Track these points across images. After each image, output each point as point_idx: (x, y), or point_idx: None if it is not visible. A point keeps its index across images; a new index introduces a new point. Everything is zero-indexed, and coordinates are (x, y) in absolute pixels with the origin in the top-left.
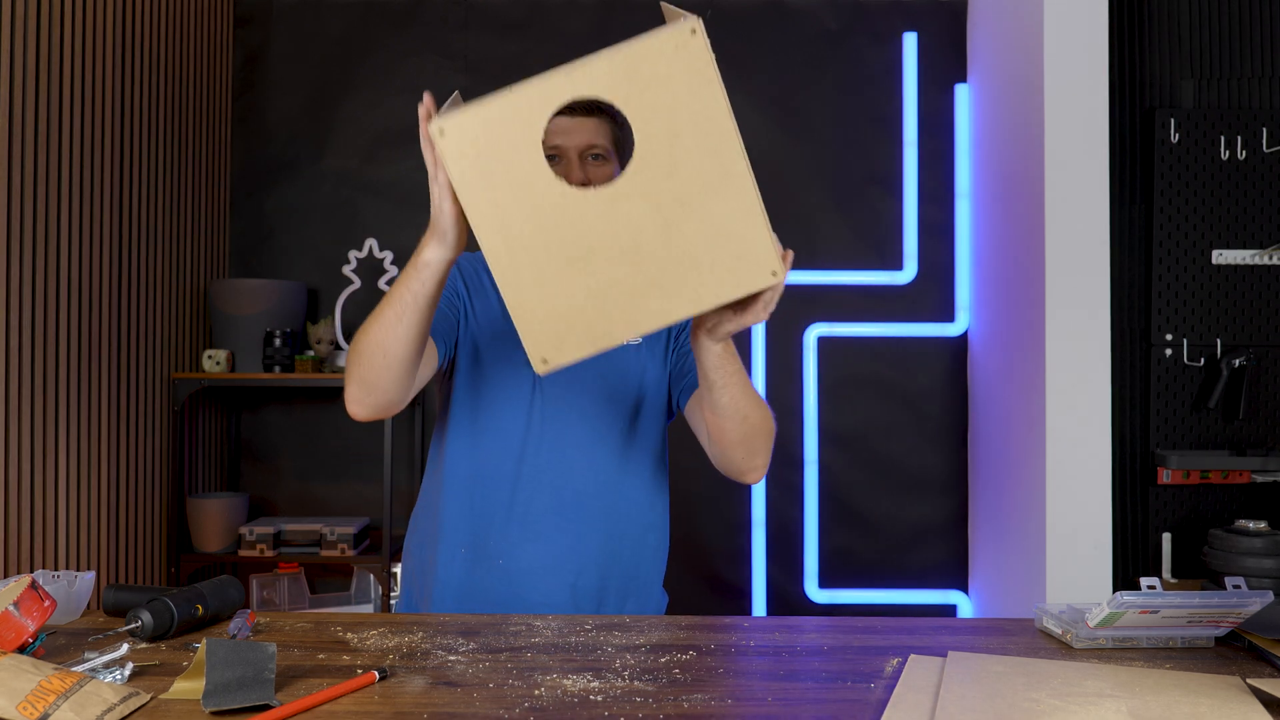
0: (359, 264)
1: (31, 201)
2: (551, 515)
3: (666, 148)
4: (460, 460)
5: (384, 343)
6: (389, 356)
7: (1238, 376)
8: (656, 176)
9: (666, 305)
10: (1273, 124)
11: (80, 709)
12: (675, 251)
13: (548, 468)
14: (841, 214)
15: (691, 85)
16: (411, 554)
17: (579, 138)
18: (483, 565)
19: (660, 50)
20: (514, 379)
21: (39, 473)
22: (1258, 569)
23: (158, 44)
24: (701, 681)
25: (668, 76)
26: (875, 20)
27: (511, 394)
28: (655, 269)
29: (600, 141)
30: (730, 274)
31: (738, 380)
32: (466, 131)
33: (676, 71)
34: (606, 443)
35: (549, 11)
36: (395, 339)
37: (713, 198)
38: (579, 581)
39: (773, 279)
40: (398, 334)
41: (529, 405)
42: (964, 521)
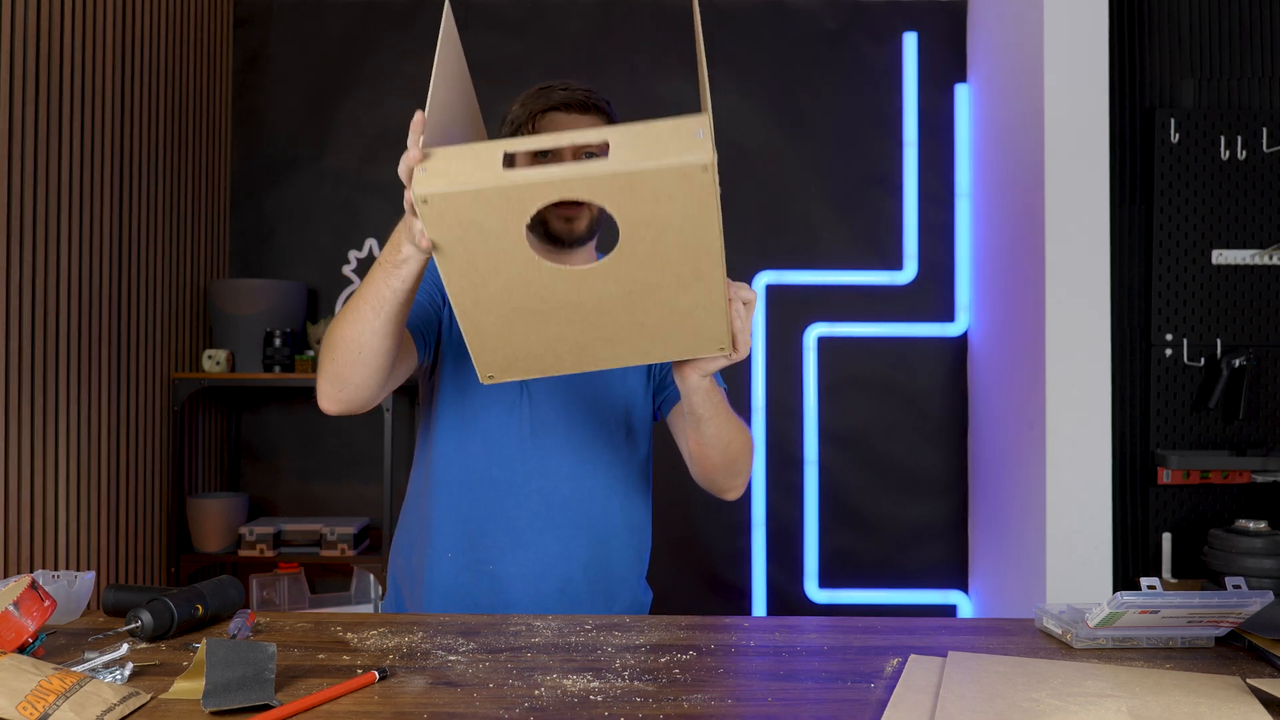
0: (359, 264)
1: (31, 201)
2: (541, 521)
3: (649, 248)
4: (450, 464)
5: (358, 338)
6: (364, 352)
7: (1238, 376)
8: (632, 267)
9: (617, 353)
10: (1273, 124)
11: (80, 709)
12: (634, 321)
13: (537, 474)
14: (841, 214)
15: (689, 210)
16: (400, 553)
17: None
18: (471, 570)
19: (667, 177)
20: (502, 384)
21: (39, 473)
22: (1258, 569)
23: (158, 44)
24: (701, 681)
25: (668, 197)
26: (875, 20)
27: (501, 399)
28: (611, 329)
29: (595, 140)
30: (682, 344)
31: (722, 410)
32: (451, 205)
33: (678, 195)
34: (595, 450)
35: (549, 11)
36: (370, 334)
37: (682, 291)
38: (567, 588)
39: (720, 353)
40: (374, 329)
41: (519, 411)
42: (964, 521)
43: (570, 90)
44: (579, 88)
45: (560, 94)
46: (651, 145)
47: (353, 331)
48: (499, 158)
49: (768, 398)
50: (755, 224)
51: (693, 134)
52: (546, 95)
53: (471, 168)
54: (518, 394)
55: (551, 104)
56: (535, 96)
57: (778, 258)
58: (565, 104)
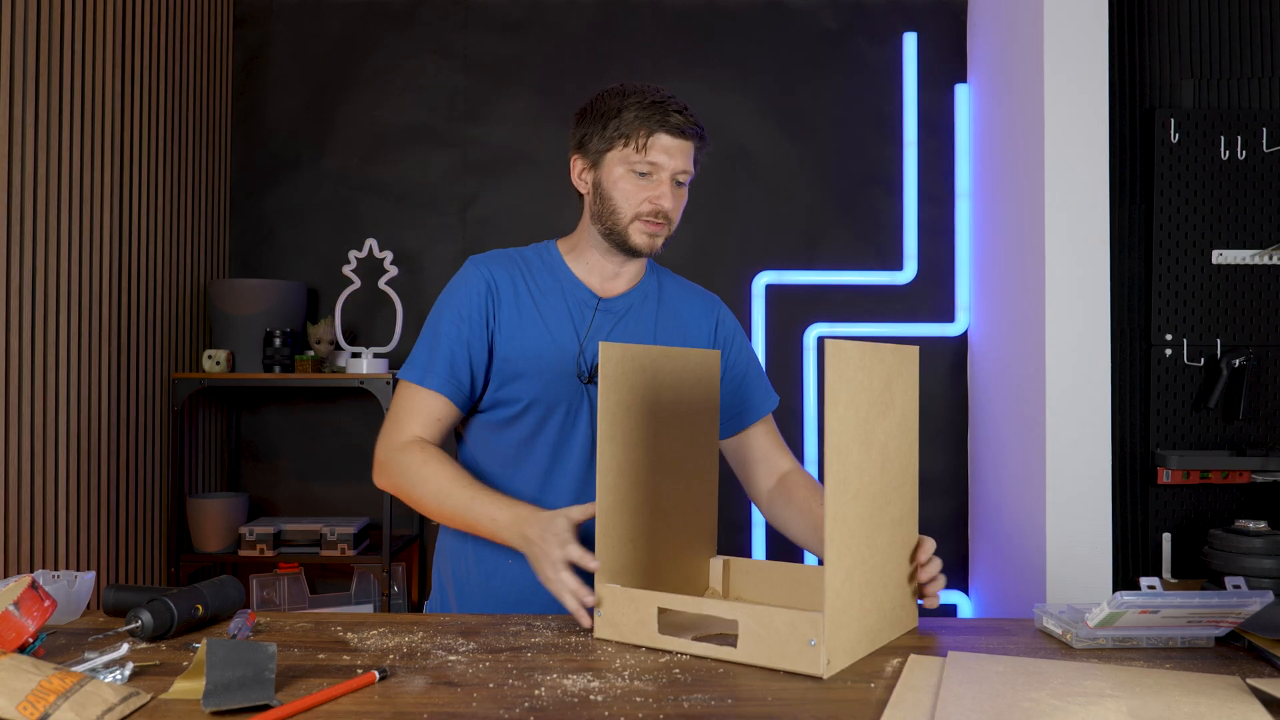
0: (359, 264)
1: (31, 201)
2: None
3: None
4: (530, 495)
5: (415, 504)
6: (417, 508)
7: (1238, 376)
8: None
9: None
10: (1273, 124)
11: (80, 709)
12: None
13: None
14: (841, 214)
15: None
16: (450, 558)
17: (679, 161)
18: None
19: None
20: (570, 422)
21: (39, 473)
22: (1258, 569)
23: (158, 44)
24: (701, 681)
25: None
26: (875, 20)
27: (571, 434)
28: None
29: (690, 168)
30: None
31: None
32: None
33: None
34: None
35: (549, 11)
36: (425, 512)
37: None
38: None
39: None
40: (430, 513)
41: (589, 443)
42: (964, 521)
43: (685, 117)
44: (691, 116)
45: (676, 119)
46: (772, 639)
47: (415, 499)
48: (654, 618)
49: None
50: (755, 224)
51: (806, 640)
52: (663, 115)
53: (634, 623)
54: (580, 400)
55: (668, 128)
56: (650, 111)
57: (778, 258)
58: (680, 130)
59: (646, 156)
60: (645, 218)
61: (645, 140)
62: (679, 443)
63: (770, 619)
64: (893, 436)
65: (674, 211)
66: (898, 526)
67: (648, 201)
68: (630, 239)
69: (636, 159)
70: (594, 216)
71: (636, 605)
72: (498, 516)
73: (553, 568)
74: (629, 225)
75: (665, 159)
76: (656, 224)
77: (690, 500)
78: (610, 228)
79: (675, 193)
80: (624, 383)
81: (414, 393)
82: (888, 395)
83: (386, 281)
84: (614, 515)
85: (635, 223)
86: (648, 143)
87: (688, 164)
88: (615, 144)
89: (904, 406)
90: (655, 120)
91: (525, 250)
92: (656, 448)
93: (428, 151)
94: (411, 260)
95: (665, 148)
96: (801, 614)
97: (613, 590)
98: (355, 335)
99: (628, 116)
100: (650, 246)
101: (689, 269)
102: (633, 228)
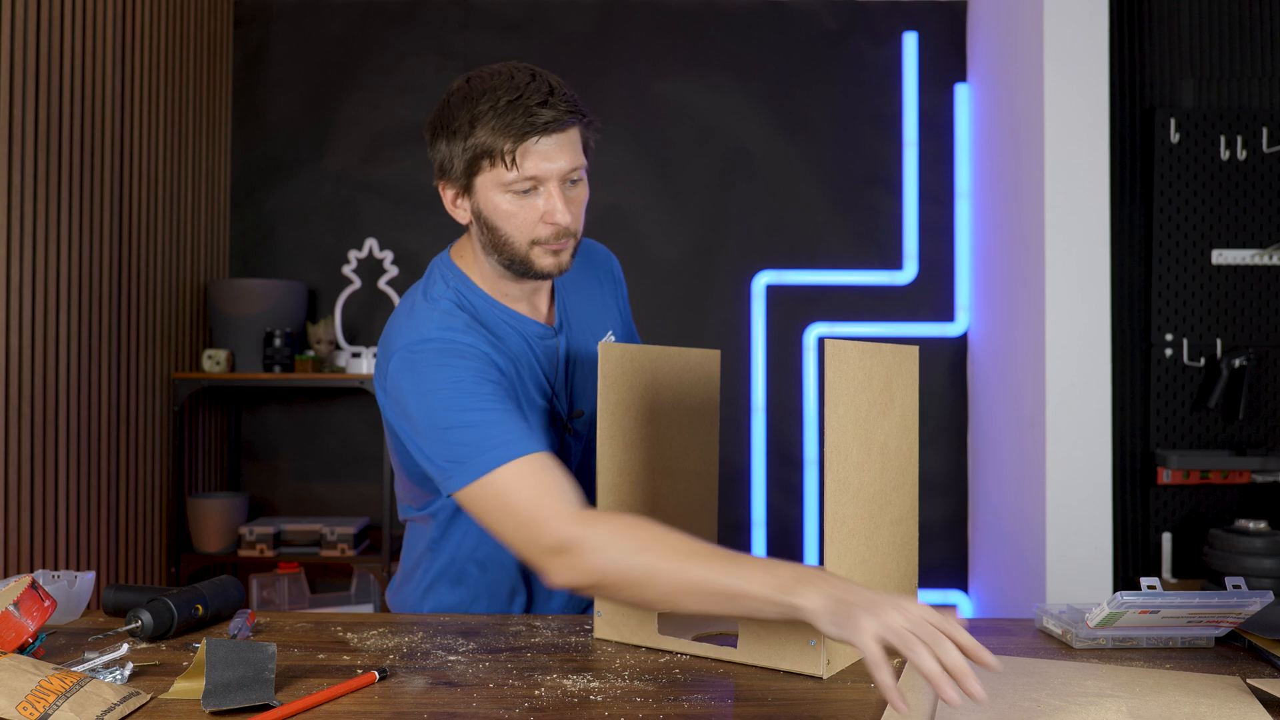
0: (359, 264)
1: (31, 201)
2: None
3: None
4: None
5: (650, 602)
6: (642, 605)
7: (1238, 376)
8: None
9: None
10: (1273, 124)
11: (80, 709)
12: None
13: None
14: (841, 214)
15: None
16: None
17: (563, 161)
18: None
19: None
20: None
21: (39, 473)
22: (1258, 569)
23: (158, 44)
24: (701, 681)
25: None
26: (875, 20)
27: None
28: None
29: (580, 161)
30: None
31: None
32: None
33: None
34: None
35: (549, 11)
36: (672, 607)
37: None
38: None
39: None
40: (671, 604)
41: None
42: (964, 521)
43: (553, 105)
44: (562, 97)
45: (543, 115)
46: (772, 639)
47: (655, 595)
48: (654, 618)
49: (768, 398)
50: (755, 224)
51: (806, 641)
52: (526, 116)
53: (634, 624)
54: (561, 445)
55: (535, 129)
56: (508, 115)
57: (778, 258)
58: (553, 124)
59: (521, 173)
60: (543, 241)
61: (513, 153)
62: (679, 443)
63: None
64: (893, 436)
65: (575, 221)
66: (898, 526)
67: (541, 224)
68: (534, 265)
69: (511, 178)
70: (486, 248)
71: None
72: (778, 573)
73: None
74: (528, 252)
75: (546, 165)
76: (559, 244)
77: (690, 500)
78: (509, 259)
79: (570, 197)
80: (624, 383)
81: (513, 470)
82: (888, 395)
83: (386, 281)
84: None
85: (534, 248)
86: (517, 155)
87: (576, 157)
88: (481, 167)
89: (904, 406)
90: (518, 125)
91: (455, 306)
92: (656, 448)
93: (428, 151)
94: (411, 260)
95: (542, 153)
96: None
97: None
98: (355, 335)
99: (484, 128)
100: (560, 266)
101: (689, 269)
102: (533, 254)
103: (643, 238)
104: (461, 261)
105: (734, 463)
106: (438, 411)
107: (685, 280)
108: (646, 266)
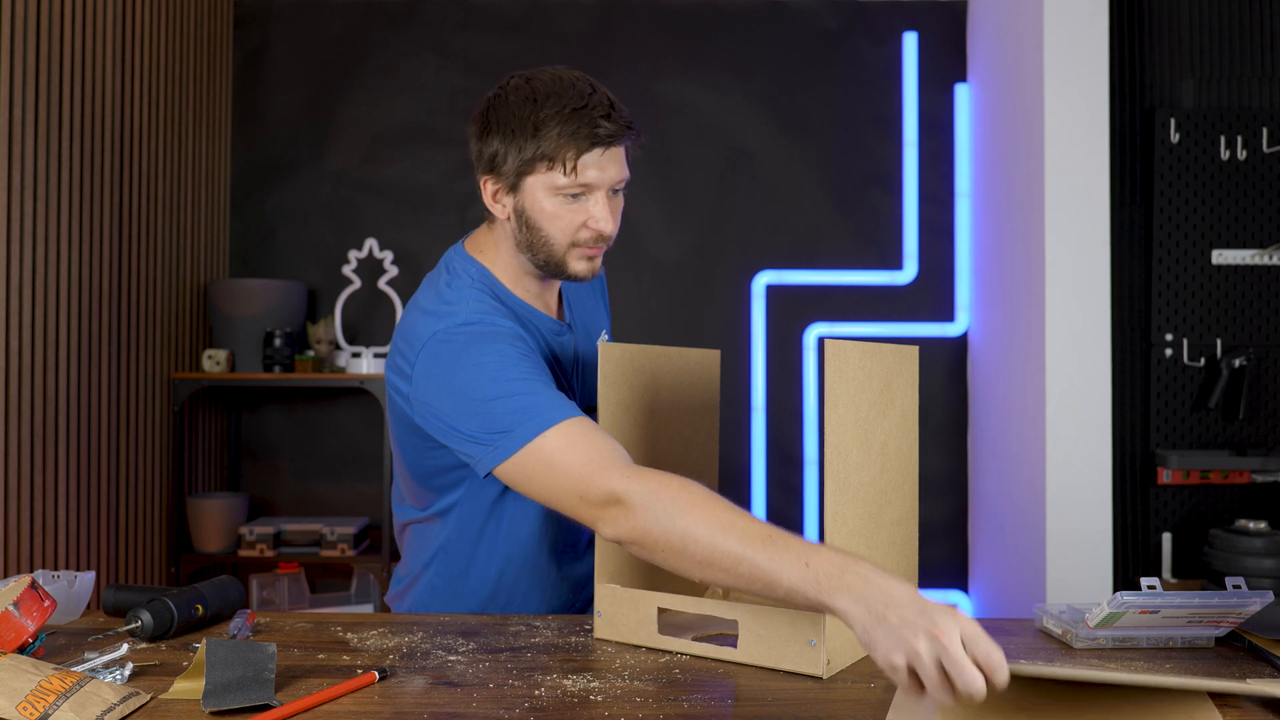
0: (359, 264)
1: (31, 201)
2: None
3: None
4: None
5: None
6: (677, 570)
7: (1238, 376)
8: None
9: None
10: (1273, 124)
11: (80, 709)
12: None
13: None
14: (841, 214)
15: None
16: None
17: (614, 173)
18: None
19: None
20: None
21: (39, 473)
22: (1258, 569)
23: (158, 44)
24: (701, 681)
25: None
26: (875, 20)
27: None
28: None
29: (625, 174)
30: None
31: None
32: None
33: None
34: None
35: (549, 11)
36: (703, 577)
37: None
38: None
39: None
40: (701, 574)
41: None
42: (964, 521)
43: (615, 119)
44: (621, 113)
45: (606, 128)
46: (772, 639)
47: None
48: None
49: (768, 398)
50: (755, 224)
51: (806, 640)
52: (591, 127)
53: (633, 623)
54: None
55: (598, 141)
56: (574, 123)
57: (778, 258)
58: (613, 138)
59: (578, 179)
60: (582, 244)
61: (574, 162)
62: (679, 443)
63: (770, 619)
64: (893, 436)
65: (614, 229)
66: (898, 526)
67: (585, 228)
68: (569, 268)
69: (565, 183)
70: (521, 246)
71: (636, 605)
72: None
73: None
74: (565, 254)
75: (600, 175)
76: (595, 249)
77: None
78: (545, 259)
79: (614, 205)
80: (624, 382)
81: (562, 432)
82: (888, 395)
83: (386, 281)
84: None
85: (572, 250)
86: (578, 164)
87: (623, 170)
88: (537, 167)
89: (904, 406)
90: (583, 135)
91: (486, 294)
92: (656, 448)
93: (428, 151)
94: (411, 260)
95: (598, 164)
96: (802, 614)
97: (613, 590)
98: (355, 335)
99: (548, 134)
100: (593, 271)
101: (689, 269)
102: (570, 255)
103: (643, 238)
104: (481, 256)
105: (734, 463)
106: (480, 384)
107: (685, 280)
108: (646, 266)
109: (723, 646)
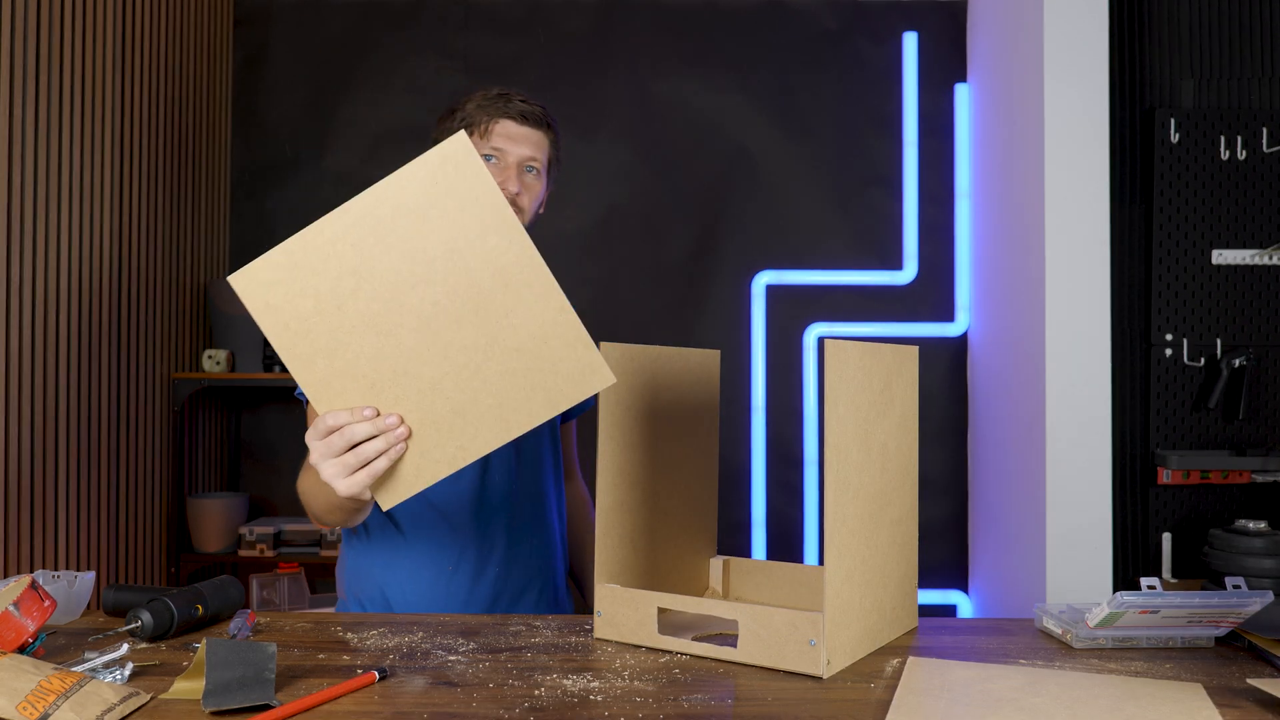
0: None
1: (31, 201)
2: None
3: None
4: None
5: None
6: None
7: (1238, 376)
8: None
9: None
10: (1273, 124)
11: (80, 709)
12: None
13: (501, 490)
14: (841, 214)
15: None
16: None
17: (524, 148)
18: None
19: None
20: None
21: (39, 473)
22: (1258, 569)
23: (158, 44)
24: (701, 681)
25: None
26: (875, 20)
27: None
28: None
29: (538, 156)
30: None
31: None
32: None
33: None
34: (537, 456)
35: (549, 11)
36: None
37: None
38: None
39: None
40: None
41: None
42: (964, 521)
43: (530, 105)
44: (537, 106)
45: (519, 105)
46: (772, 639)
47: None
48: (654, 618)
49: (768, 398)
50: (755, 224)
51: (806, 640)
52: (505, 103)
53: (633, 624)
54: None
55: (510, 113)
56: (492, 100)
57: (778, 258)
58: (523, 115)
59: (490, 142)
60: None
61: (487, 126)
62: (679, 443)
63: (770, 619)
64: (892, 436)
65: (523, 197)
66: (898, 526)
67: None
68: None
69: (480, 144)
70: None
71: (636, 605)
72: None
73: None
74: None
75: (509, 144)
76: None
77: (690, 500)
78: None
79: (524, 180)
80: (623, 383)
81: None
82: (887, 395)
83: None
84: (614, 515)
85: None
86: (489, 128)
87: (536, 152)
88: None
89: (904, 406)
90: (497, 108)
91: None
92: (656, 448)
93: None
94: None
95: (508, 134)
96: (801, 614)
97: (613, 590)
98: None
99: (471, 107)
100: None
101: (689, 269)
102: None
103: (643, 238)
104: None
105: (734, 463)
106: None
107: (685, 280)
108: (646, 266)
109: (723, 646)
